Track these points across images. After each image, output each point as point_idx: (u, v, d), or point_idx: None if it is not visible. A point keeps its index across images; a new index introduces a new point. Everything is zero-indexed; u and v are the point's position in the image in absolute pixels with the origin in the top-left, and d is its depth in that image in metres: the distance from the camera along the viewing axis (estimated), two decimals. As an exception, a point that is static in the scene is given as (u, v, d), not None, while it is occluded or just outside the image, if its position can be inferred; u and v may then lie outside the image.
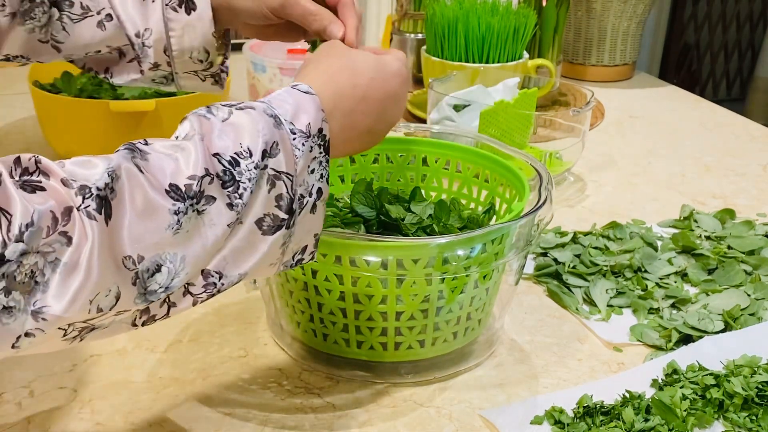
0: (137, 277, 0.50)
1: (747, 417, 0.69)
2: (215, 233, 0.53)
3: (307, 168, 0.57)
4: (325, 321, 0.73)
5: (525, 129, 1.10)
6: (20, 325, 0.46)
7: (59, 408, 0.69)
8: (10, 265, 0.45)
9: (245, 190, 0.54)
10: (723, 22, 2.65)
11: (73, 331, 0.49)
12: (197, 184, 0.52)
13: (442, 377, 0.75)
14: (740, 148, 1.34)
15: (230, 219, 0.53)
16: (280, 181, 0.55)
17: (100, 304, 0.48)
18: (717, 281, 0.90)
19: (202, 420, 0.68)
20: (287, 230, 0.56)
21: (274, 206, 0.55)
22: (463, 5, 1.31)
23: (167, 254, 0.51)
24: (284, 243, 0.57)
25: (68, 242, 0.47)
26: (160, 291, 0.51)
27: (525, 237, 0.72)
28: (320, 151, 0.58)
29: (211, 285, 0.54)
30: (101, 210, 0.48)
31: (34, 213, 0.45)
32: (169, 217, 0.50)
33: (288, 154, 0.55)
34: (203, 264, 0.53)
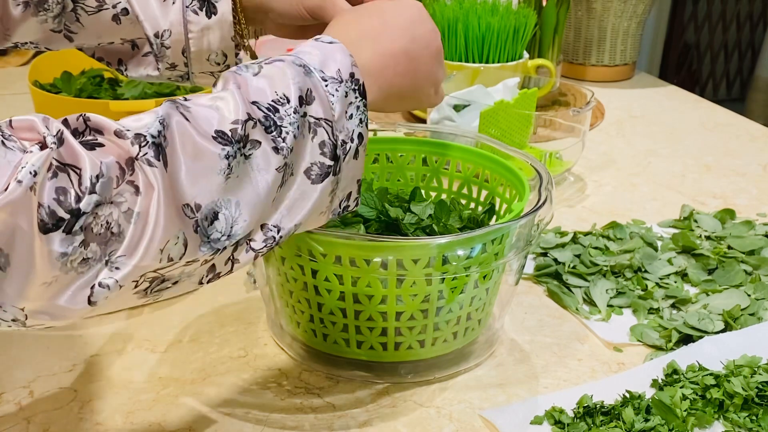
0: (197, 225, 0.51)
1: (747, 417, 0.69)
2: (265, 178, 0.53)
3: (344, 113, 0.57)
4: (325, 321, 0.73)
5: (525, 129, 1.10)
6: (94, 275, 0.47)
7: (59, 408, 0.69)
8: (87, 217, 0.46)
9: (288, 134, 0.54)
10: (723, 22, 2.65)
11: (144, 282, 0.50)
12: (242, 128, 0.52)
13: (442, 377, 0.75)
14: (740, 148, 1.34)
15: (278, 163, 0.54)
16: (320, 128, 0.56)
17: (170, 253, 0.49)
18: (717, 281, 0.90)
19: (202, 420, 0.68)
20: (334, 177, 0.57)
21: (319, 153, 0.56)
22: (463, 5, 1.31)
23: (222, 200, 0.51)
24: (333, 190, 0.58)
25: (136, 191, 0.48)
26: (223, 239, 0.52)
27: (525, 237, 0.72)
28: (356, 95, 0.58)
29: (270, 239, 0.55)
30: (159, 157, 0.48)
31: (102, 165, 0.46)
32: (220, 161, 0.51)
33: (323, 101, 0.56)
34: (259, 211, 0.54)
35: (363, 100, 0.58)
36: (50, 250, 0.45)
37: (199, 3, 0.74)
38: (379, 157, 0.88)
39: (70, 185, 0.45)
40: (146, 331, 0.80)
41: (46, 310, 0.48)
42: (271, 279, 0.76)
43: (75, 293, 0.47)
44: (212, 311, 0.83)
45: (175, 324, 0.81)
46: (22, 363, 0.74)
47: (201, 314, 0.83)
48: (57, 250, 0.45)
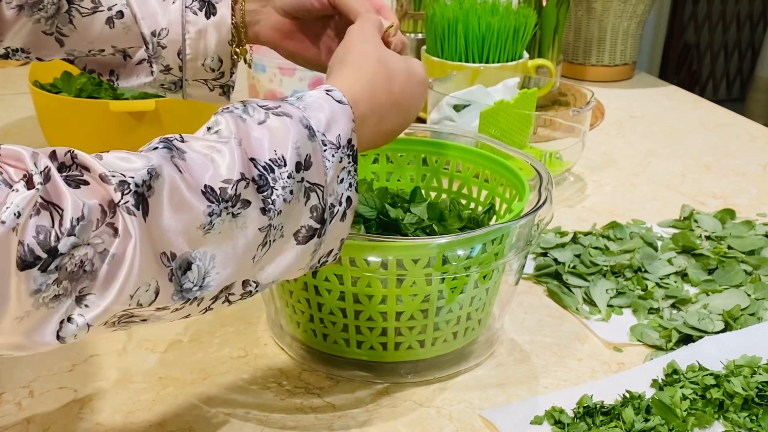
0: (172, 273, 0.51)
1: (747, 417, 0.69)
2: (246, 235, 0.53)
3: (336, 178, 0.58)
4: (325, 321, 0.73)
5: (525, 129, 1.10)
6: (64, 311, 0.47)
7: (59, 408, 0.69)
8: (63, 258, 0.46)
9: (278, 197, 0.54)
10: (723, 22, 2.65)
11: (113, 318, 0.50)
12: (233, 187, 0.52)
13: (442, 377, 0.75)
14: (740, 148, 1.34)
15: (261, 223, 0.54)
16: (313, 193, 0.56)
17: (140, 299, 0.49)
18: (717, 281, 0.90)
19: (202, 420, 0.68)
20: (318, 239, 0.58)
21: (309, 217, 0.57)
22: (463, 5, 1.31)
23: (196, 252, 0.51)
24: (315, 250, 0.58)
25: (115, 233, 0.48)
26: (195, 289, 0.52)
27: (525, 237, 0.72)
28: (349, 161, 0.58)
29: (248, 293, 0.56)
30: (139, 206, 0.48)
31: (84, 207, 0.46)
32: (203, 217, 0.51)
33: (319, 166, 0.56)
34: (235, 267, 0.54)
35: (354, 165, 0.59)
36: (25, 287, 0.45)
37: (199, 4, 0.74)
38: (379, 157, 0.88)
39: (50, 225, 0.45)
40: (146, 331, 0.80)
41: (16, 343, 0.48)
42: (271, 279, 0.76)
43: (44, 328, 0.47)
44: (212, 311, 0.83)
45: (175, 324, 0.81)
46: (22, 363, 0.74)
47: (201, 314, 0.83)
48: (31, 287, 0.45)
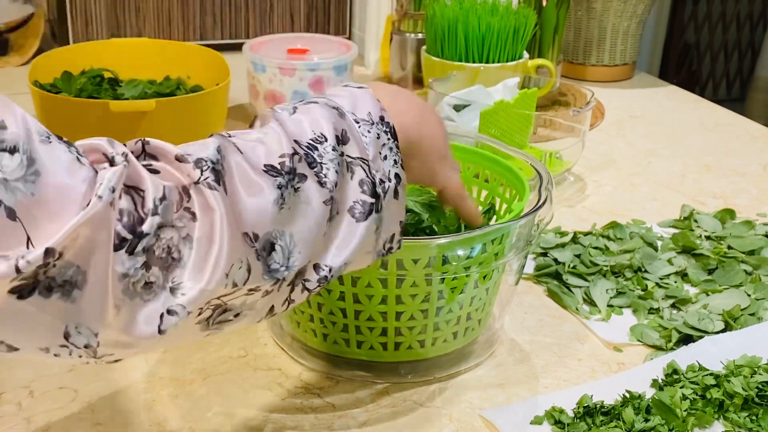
0: (258, 254, 0.51)
1: (747, 417, 0.69)
2: (314, 211, 0.54)
3: (379, 154, 0.58)
4: (325, 321, 0.73)
5: (525, 129, 1.10)
6: (161, 303, 0.47)
7: (59, 408, 0.69)
8: (150, 239, 0.46)
9: (329, 170, 0.55)
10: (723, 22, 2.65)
11: (207, 310, 0.50)
12: (289, 161, 0.53)
13: (442, 377, 0.75)
14: (740, 148, 1.34)
15: (324, 196, 0.55)
16: (357, 168, 0.57)
17: (235, 278, 0.50)
18: (717, 281, 0.90)
19: (203, 420, 0.68)
20: (377, 214, 0.58)
21: (360, 192, 0.57)
22: (463, 5, 1.31)
23: (276, 232, 0.52)
24: (377, 228, 0.58)
25: (193, 218, 0.48)
26: (282, 270, 0.53)
27: (525, 237, 0.72)
28: (388, 137, 0.59)
29: (323, 278, 0.56)
30: (219, 182, 0.49)
31: (165, 188, 0.47)
32: (275, 191, 0.52)
33: (358, 141, 0.57)
34: (311, 245, 0.54)
35: (395, 141, 0.59)
36: (114, 270, 0.45)
37: None
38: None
39: (133, 207, 0.46)
40: (146, 331, 0.80)
41: (117, 339, 0.47)
42: (271, 279, 0.76)
43: (144, 321, 0.47)
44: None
45: (175, 324, 0.81)
46: (22, 363, 0.74)
47: (201, 314, 0.83)
48: (119, 270, 0.45)
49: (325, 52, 1.30)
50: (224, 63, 1.26)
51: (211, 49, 1.31)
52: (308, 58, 1.28)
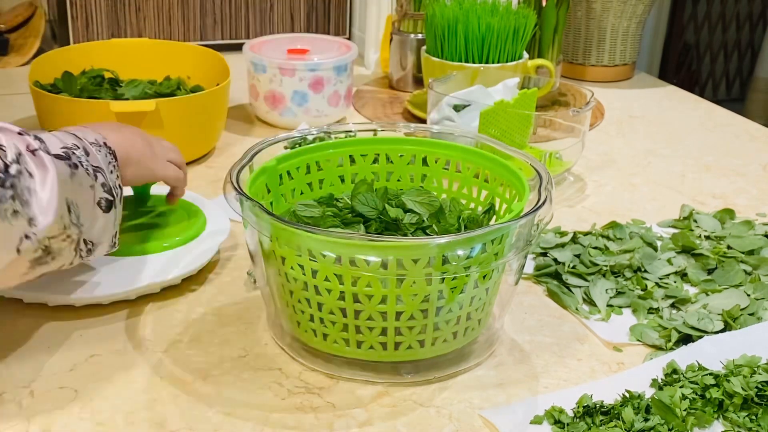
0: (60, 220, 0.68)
1: (747, 417, 0.69)
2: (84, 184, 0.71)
3: (108, 169, 0.75)
4: (325, 321, 0.73)
5: (525, 129, 1.11)
6: (22, 229, 0.64)
7: (59, 408, 0.69)
8: (13, 179, 0.63)
9: (80, 162, 0.72)
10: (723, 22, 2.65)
11: (39, 250, 0.66)
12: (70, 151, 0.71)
13: (442, 377, 0.75)
14: (740, 148, 1.34)
15: (90, 181, 0.72)
16: (99, 173, 0.73)
17: (64, 220, 0.67)
18: (717, 281, 0.90)
19: (202, 420, 0.68)
20: (115, 209, 0.76)
21: (102, 191, 0.73)
22: (463, 5, 1.31)
23: (68, 199, 0.68)
24: (116, 219, 0.77)
25: (33, 174, 0.65)
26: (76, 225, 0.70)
27: (525, 237, 0.72)
28: (112, 158, 0.76)
29: (86, 251, 0.73)
30: (49, 153, 0.68)
31: (17, 146, 0.65)
32: (66, 168, 0.69)
33: (93, 155, 0.73)
34: (87, 216, 0.72)
35: (116, 162, 0.77)
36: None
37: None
38: (379, 157, 0.88)
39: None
40: (146, 331, 0.80)
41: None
42: (271, 279, 0.76)
43: (7, 241, 0.63)
44: (212, 311, 0.83)
45: (175, 324, 0.81)
46: (22, 363, 0.74)
47: (201, 314, 0.83)
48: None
49: (325, 53, 1.30)
50: (224, 63, 1.26)
51: (211, 50, 1.31)
52: (308, 59, 1.28)
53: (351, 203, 0.81)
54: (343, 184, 0.87)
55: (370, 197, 0.80)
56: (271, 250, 0.73)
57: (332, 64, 1.27)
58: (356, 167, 0.88)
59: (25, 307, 0.82)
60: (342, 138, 0.88)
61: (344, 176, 0.88)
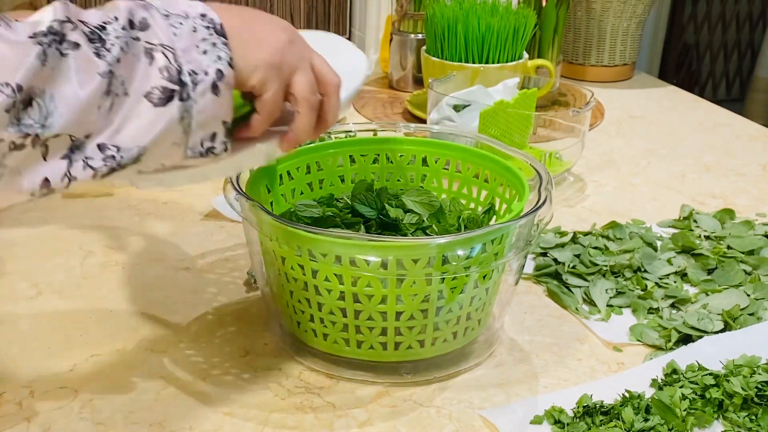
0: (14, 105, 0.51)
1: (747, 417, 0.69)
2: (87, 81, 0.54)
3: (195, 48, 0.57)
4: (325, 321, 0.73)
5: (525, 129, 1.11)
6: None
7: (59, 408, 0.69)
8: None
9: (113, 45, 0.55)
10: (723, 22, 2.65)
11: None
12: (58, 24, 0.53)
13: (442, 377, 0.75)
14: (740, 148, 1.34)
15: (101, 68, 0.54)
16: (158, 54, 0.56)
17: None
18: (716, 281, 0.90)
19: (202, 420, 0.68)
20: (181, 102, 0.57)
21: (160, 78, 0.56)
22: (463, 5, 1.31)
23: (37, 89, 0.52)
24: (182, 118, 0.57)
25: None
26: (36, 126, 0.52)
27: (525, 237, 0.72)
28: (210, 32, 0.58)
29: (110, 158, 0.56)
30: None
31: None
32: (35, 47, 0.52)
33: (162, 29, 0.57)
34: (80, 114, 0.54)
35: (222, 38, 0.58)
36: None
37: None
38: (379, 157, 0.88)
39: None
40: (146, 331, 0.80)
41: None
42: (271, 279, 0.76)
43: None
44: (212, 311, 0.83)
45: (175, 324, 0.81)
46: (22, 363, 0.74)
47: (201, 314, 0.83)
48: None
49: (325, 52, 1.30)
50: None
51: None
52: (308, 58, 1.27)
53: (351, 203, 0.81)
54: (343, 184, 0.87)
55: (370, 197, 0.80)
56: (271, 250, 0.73)
57: (332, 64, 1.27)
58: (356, 167, 0.88)
59: (24, 307, 0.82)
60: (342, 138, 0.88)
61: (344, 176, 0.88)
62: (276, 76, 0.62)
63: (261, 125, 0.63)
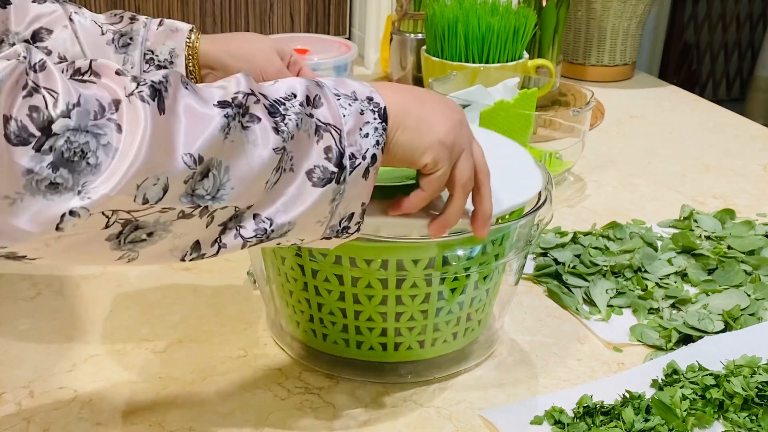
0: (192, 177, 0.51)
1: (747, 417, 0.69)
2: (261, 155, 0.54)
3: (359, 130, 0.57)
4: (325, 321, 0.73)
5: (525, 129, 1.10)
6: (66, 202, 0.47)
7: (59, 408, 0.69)
8: (58, 139, 0.46)
9: (290, 120, 0.55)
10: (723, 22, 2.65)
11: (116, 224, 0.50)
12: (243, 97, 0.54)
13: (442, 377, 0.75)
14: (740, 148, 1.34)
15: (276, 143, 0.54)
16: (327, 133, 0.56)
17: (147, 193, 0.49)
18: (717, 281, 0.90)
19: (202, 420, 0.68)
20: (337, 185, 0.57)
21: (324, 158, 0.56)
22: (463, 5, 1.31)
23: (215, 161, 0.52)
24: (333, 199, 0.57)
25: (119, 129, 0.48)
26: (207, 197, 0.52)
27: (525, 237, 0.72)
28: (374, 117, 0.58)
29: (262, 230, 0.56)
30: (154, 98, 0.49)
31: (80, 96, 0.47)
32: (221, 119, 0.52)
33: (333, 109, 0.57)
34: (249, 187, 0.54)
35: (383, 123, 0.58)
36: (16, 163, 0.46)
37: (156, 68, 0.79)
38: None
39: (44, 105, 0.46)
40: (146, 331, 0.80)
41: (5, 228, 0.47)
42: (271, 279, 0.76)
43: (38, 215, 0.47)
44: (212, 311, 0.83)
45: (175, 324, 0.81)
46: (22, 363, 0.74)
47: (201, 314, 0.83)
48: (24, 165, 0.46)
49: (325, 52, 1.30)
50: (224, 63, 1.25)
51: (211, 49, 1.31)
52: (308, 58, 1.28)
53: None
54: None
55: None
56: (271, 250, 0.73)
57: (332, 64, 1.27)
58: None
59: (24, 308, 0.82)
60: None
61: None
62: (448, 156, 0.61)
63: (421, 202, 0.63)
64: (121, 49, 0.80)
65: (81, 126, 0.47)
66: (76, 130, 0.47)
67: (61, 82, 0.47)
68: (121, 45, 0.80)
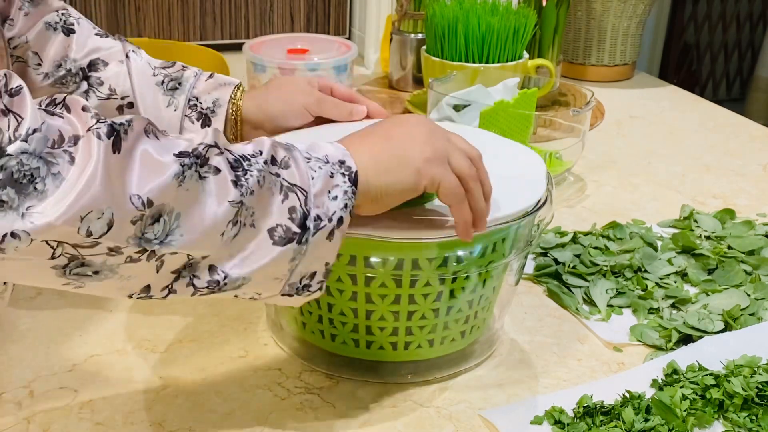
0: (141, 219, 0.52)
1: (747, 417, 0.69)
2: (215, 206, 0.55)
3: (327, 192, 0.59)
4: (335, 321, 0.73)
5: (525, 129, 1.10)
6: (9, 223, 0.48)
7: (59, 408, 0.69)
8: (10, 160, 0.48)
9: (251, 176, 0.56)
10: (723, 22, 2.65)
11: (62, 257, 0.51)
12: (204, 148, 0.55)
13: (442, 377, 0.75)
14: (740, 148, 1.34)
15: (233, 197, 0.55)
16: (292, 194, 0.58)
17: (90, 226, 0.50)
18: (717, 281, 0.90)
19: (202, 420, 0.68)
20: (298, 245, 0.58)
21: (287, 218, 0.58)
22: (463, 5, 1.31)
23: (167, 206, 0.53)
24: (293, 259, 0.58)
25: (71, 161, 0.50)
26: (155, 242, 0.53)
27: (525, 237, 0.72)
28: (344, 180, 0.59)
29: (214, 283, 0.57)
30: (110, 136, 0.51)
31: (44, 124, 0.49)
32: (176, 167, 0.53)
33: (301, 171, 0.58)
34: (202, 238, 0.55)
35: (353, 187, 0.60)
36: None
37: (197, 114, 0.81)
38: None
39: (7, 128, 0.48)
40: (146, 331, 0.80)
41: None
42: (271, 279, 0.76)
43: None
44: (212, 311, 0.83)
45: (175, 324, 0.81)
46: (22, 363, 0.74)
47: (201, 314, 0.83)
48: None
49: (325, 52, 1.30)
50: (224, 63, 1.26)
51: (211, 49, 1.31)
52: (308, 58, 1.28)
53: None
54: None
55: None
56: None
57: (332, 64, 1.27)
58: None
59: (24, 308, 0.82)
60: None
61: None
62: (438, 165, 0.62)
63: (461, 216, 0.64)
64: (168, 91, 0.83)
65: (36, 151, 0.49)
66: (31, 155, 0.48)
67: (31, 109, 0.49)
68: (169, 88, 0.83)
